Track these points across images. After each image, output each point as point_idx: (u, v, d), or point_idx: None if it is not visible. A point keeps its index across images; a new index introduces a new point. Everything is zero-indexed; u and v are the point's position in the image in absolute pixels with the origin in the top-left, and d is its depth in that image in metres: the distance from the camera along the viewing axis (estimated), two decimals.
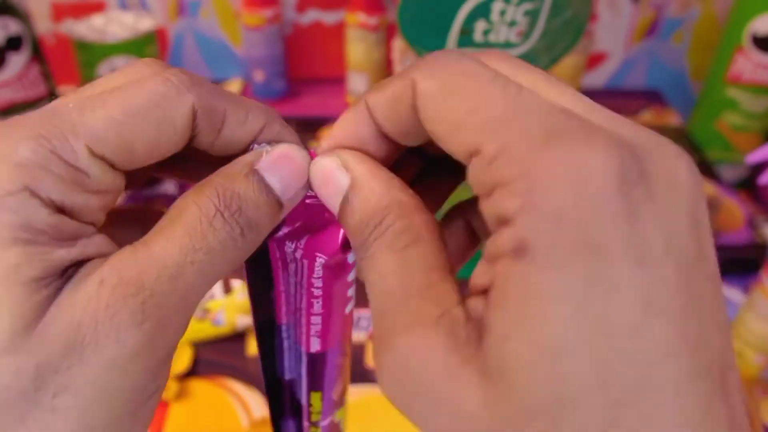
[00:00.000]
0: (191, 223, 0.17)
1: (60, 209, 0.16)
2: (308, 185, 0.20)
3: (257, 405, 0.48)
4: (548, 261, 0.12)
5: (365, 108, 0.18)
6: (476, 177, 0.14)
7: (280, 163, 0.19)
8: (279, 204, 0.19)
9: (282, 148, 0.19)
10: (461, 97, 0.15)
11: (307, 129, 0.74)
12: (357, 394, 0.49)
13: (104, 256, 0.17)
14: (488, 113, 0.14)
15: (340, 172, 0.18)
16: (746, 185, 0.74)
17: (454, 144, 0.15)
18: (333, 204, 0.19)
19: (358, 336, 0.53)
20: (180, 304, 0.17)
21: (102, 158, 0.17)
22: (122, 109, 0.17)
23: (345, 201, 0.18)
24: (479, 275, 0.15)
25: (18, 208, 0.15)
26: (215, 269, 0.17)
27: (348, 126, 0.19)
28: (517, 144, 0.13)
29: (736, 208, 0.64)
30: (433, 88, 0.16)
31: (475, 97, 0.15)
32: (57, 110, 0.17)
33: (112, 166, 0.17)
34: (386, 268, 0.17)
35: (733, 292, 0.59)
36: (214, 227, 0.17)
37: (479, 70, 0.15)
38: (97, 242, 0.17)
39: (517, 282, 0.13)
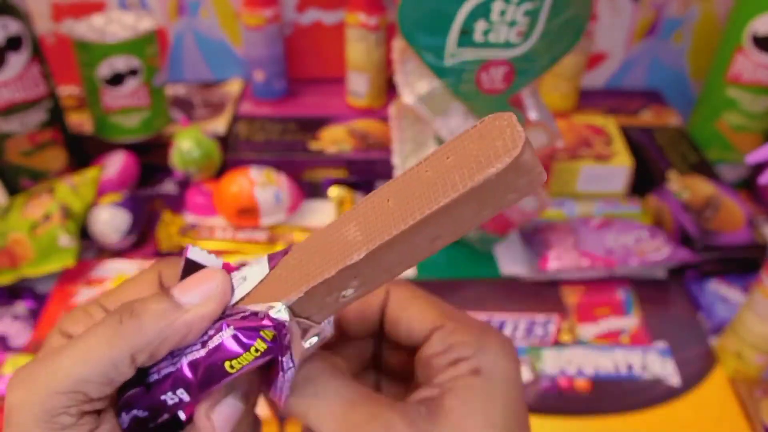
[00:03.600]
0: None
1: None
2: (225, 296, 0.22)
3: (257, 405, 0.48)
4: (491, 379, 0.23)
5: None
6: (440, 339, 0.24)
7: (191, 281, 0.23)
8: (172, 301, 0.22)
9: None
10: (423, 299, 0.26)
11: (307, 129, 0.74)
12: None
13: None
14: (442, 310, 0.25)
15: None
16: (746, 185, 0.74)
17: (419, 323, 0.25)
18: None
19: None
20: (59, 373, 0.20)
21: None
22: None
23: None
24: (418, 394, 0.24)
25: None
26: (94, 346, 0.21)
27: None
28: (468, 327, 0.25)
29: (736, 208, 0.64)
30: (406, 292, 0.26)
31: (430, 300, 0.26)
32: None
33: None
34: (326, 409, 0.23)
35: (733, 292, 0.59)
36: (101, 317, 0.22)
37: (423, 292, 0.27)
38: None
39: (475, 387, 0.23)
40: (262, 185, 0.64)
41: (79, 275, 0.60)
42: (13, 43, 0.59)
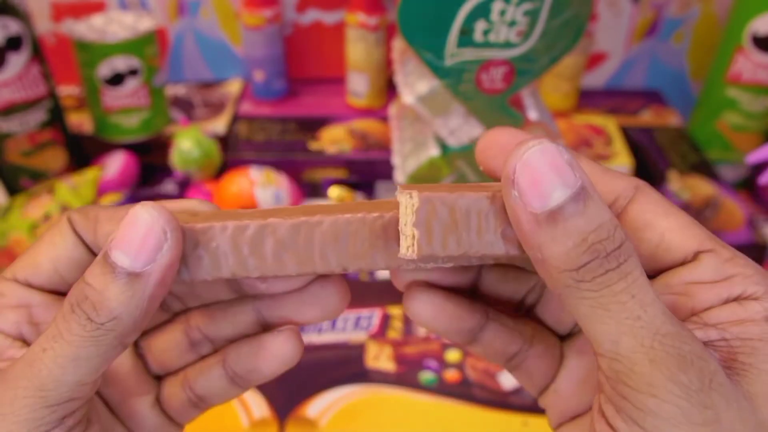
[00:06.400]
0: (54, 319, 0.19)
1: None
2: (177, 240, 0.19)
3: (257, 405, 0.48)
4: None
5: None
6: (713, 266, 0.19)
7: (125, 234, 0.18)
8: (129, 276, 0.18)
9: (127, 216, 0.18)
10: (682, 213, 0.20)
11: (307, 129, 0.74)
12: (357, 394, 0.49)
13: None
14: (708, 233, 0.20)
15: (571, 168, 0.17)
16: (746, 185, 0.74)
17: (680, 238, 0.19)
18: (544, 197, 0.17)
19: (358, 336, 0.53)
20: (35, 387, 0.18)
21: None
22: None
23: (573, 201, 0.17)
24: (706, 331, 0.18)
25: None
26: (73, 355, 0.18)
27: None
28: (745, 259, 0.20)
29: (736, 208, 0.64)
30: (657, 197, 0.20)
31: (689, 217, 0.20)
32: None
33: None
34: (649, 292, 0.17)
35: None
36: (65, 318, 0.18)
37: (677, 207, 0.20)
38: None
39: None
40: (262, 185, 0.64)
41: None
42: (13, 43, 0.59)
